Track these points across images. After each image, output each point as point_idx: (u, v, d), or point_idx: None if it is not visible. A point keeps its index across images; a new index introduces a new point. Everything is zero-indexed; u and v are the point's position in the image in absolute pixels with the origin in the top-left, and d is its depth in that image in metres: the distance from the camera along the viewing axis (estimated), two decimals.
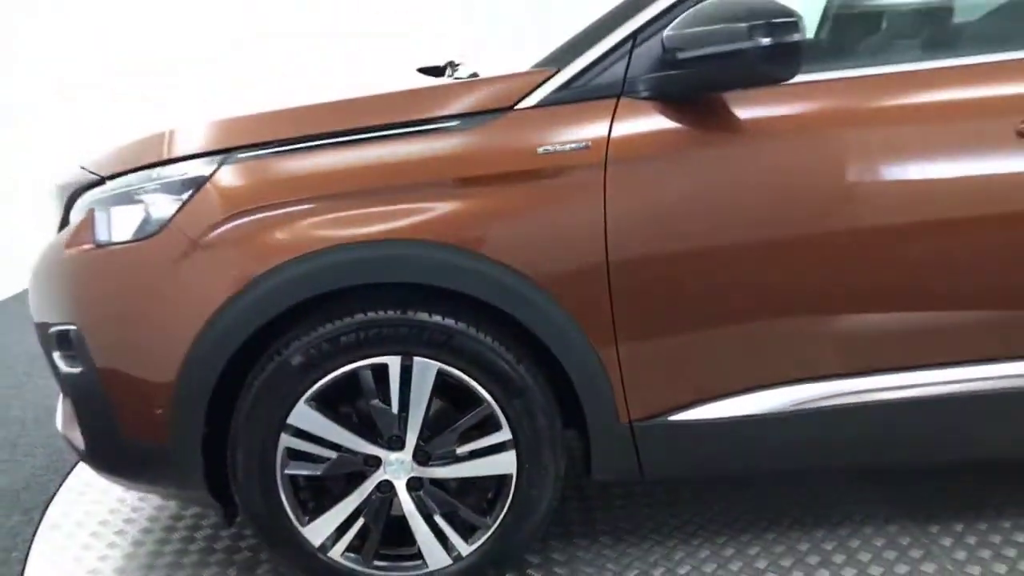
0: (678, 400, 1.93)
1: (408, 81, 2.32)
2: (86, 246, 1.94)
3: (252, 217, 1.81)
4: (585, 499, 2.44)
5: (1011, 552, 2.12)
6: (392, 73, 2.98)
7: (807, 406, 1.92)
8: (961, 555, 2.12)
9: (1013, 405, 1.95)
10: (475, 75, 2.12)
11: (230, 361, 1.85)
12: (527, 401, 1.89)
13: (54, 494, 2.64)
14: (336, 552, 1.97)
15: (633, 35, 1.84)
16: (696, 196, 1.85)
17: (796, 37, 1.65)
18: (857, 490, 2.41)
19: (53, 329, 2.02)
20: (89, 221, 1.95)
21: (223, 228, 1.81)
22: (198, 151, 1.88)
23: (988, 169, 1.85)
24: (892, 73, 1.88)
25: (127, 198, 1.91)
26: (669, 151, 1.83)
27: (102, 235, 1.93)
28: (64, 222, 2.13)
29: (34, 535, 2.43)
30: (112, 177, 1.96)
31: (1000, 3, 2.26)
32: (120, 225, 1.91)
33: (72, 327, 1.94)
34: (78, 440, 2.10)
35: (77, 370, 1.96)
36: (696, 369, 1.92)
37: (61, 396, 2.27)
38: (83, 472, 2.73)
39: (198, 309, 1.82)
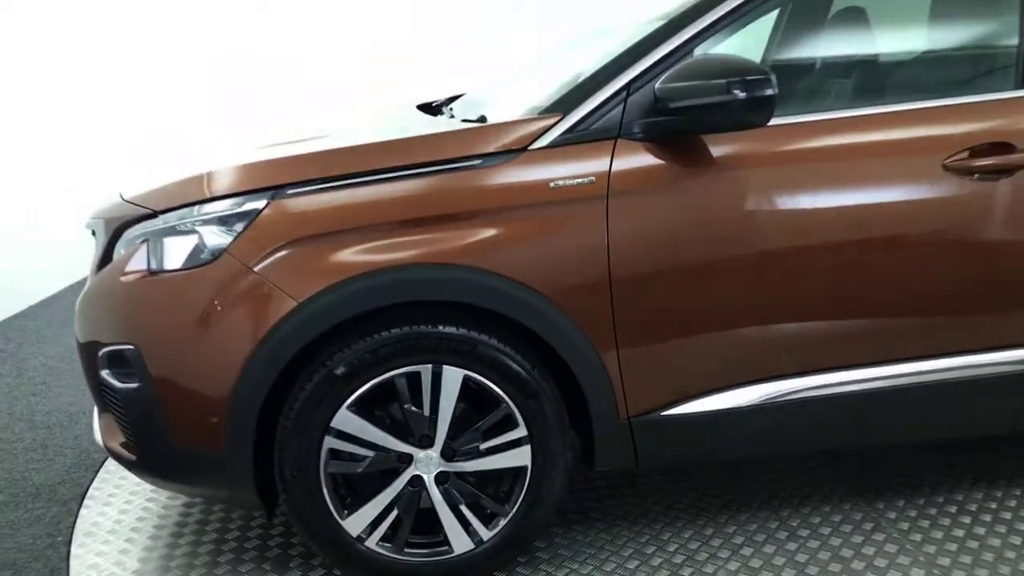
0: (668, 397, 2.24)
1: (432, 125, 2.59)
2: (140, 274, 2.16)
3: (302, 246, 2.06)
4: (577, 491, 2.72)
5: (946, 521, 2.50)
6: (392, 107, 3.26)
7: (771, 400, 2.25)
8: (904, 526, 2.48)
9: (932, 396, 2.32)
10: (483, 117, 2.41)
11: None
12: (540, 401, 2.18)
13: (87, 488, 2.94)
14: (372, 542, 2.22)
15: (627, 86, 2.16)
16: (681, 221, 2.16)
17: (769, 92, 1.98)
18: (813, 475, 2.76)
19: (106, 349, 2.22)
20: (143, 251, 2.17)
21: (276, 256, 2.06)
22: (249, 188, 2.12)
23: (921, 196, 2.21)
24: (843, 118, 2.23)
25: (182, 230, 2.14)
26: (659, 184, 2.15)
27: (157, 263, 2.15)
28: (108, 252, 2.34)
29: (74, 523, 2.70)
30: (166, 211, 2.18)
31: (918, 55, 2.64)
32: (174, 254, 2.14)
33: (129, 347, 2.15)
34: (124, 451, 2.31)
35: (133, 385, 2.17)
36: (682, 370, 2.23)
37: (97, 411, 2.47)
38: (109, 476, 2.99)
39: (254, 327, 2.06)
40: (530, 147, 2.14)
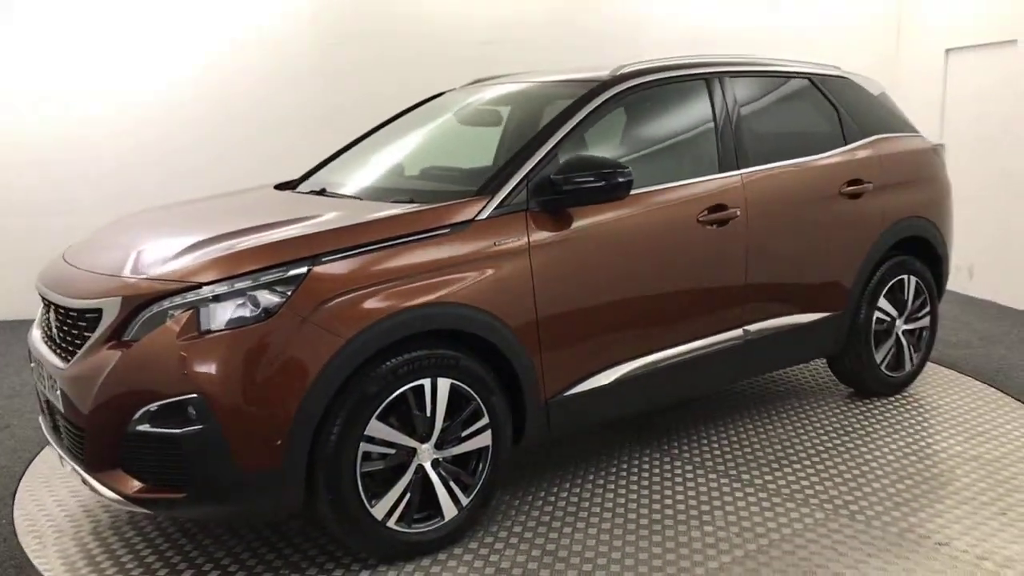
0: (566, 383, 3.28)
1: (356, 206, 3.32)
2: (194, 335, 2.63)
3: (341, 299, 2.74)
4: None
5: (715, 444, 3.87)
6: (257, 190, 3.88)
7: (629, 375, 3.43)
8: (693, 451, 3.81)
9: (722, 358, 3.72)
10: (412, 200, 3.24)
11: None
12: (495, 398, 3.07)
13: (16, 489, 3.66)
14: (391, 523, 2.90)
15: (527, 176, 3.19)
16: (567, 264, 3.23)
17: (629, 178, 3.17)
18: (617, 437, 3.99)
19: (158, 404, 2.62)
20: (192, 316, 2.65)
21: (323, 307, 2.70)
22: (290, 259, 2.73)
23: (688, 239, 3.58)
24: (638, 192, 3.46)
25: (231, 297, 2.66)
26: (553, 240, 3.19)
27: (210, 325, 2.64)
28: (123, 325, 2.72)
29: (12, 512, 3.46)
30: (212, 283, 2.68)
31: (674, 151, 3.99)
32: (228, 316, 2.65)
33: (192, 396, 2.60)
34: (157, 495, 2.69)
35: (194, 428, 2.61)
36: (572, 363, 3.29)
37: (86, 470, 2.77)
38: (31, 480, 3.75)
39: (313, 362, 2.67)
40: (476, 219, 3.07)
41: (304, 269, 2.74)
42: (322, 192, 3.71)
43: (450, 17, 7.17)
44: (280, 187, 4.07)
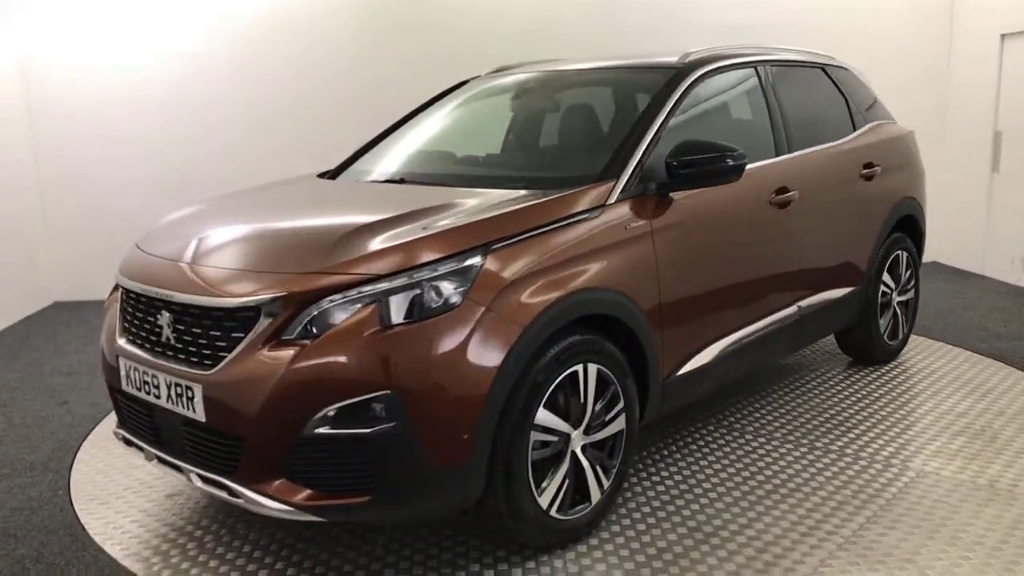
0: (677, 362, 3.36)
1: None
2: (378, 329, 2.50)
3: (514, 287, 2.67)
4: None
5: (759, 414, 4.06)
6: (299, 179, 3.74)
7: (724, 352, 3.55)
8: (753, 425, 3.98)
9: (784, 333, 3.91)
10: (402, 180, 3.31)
11: None
12: (628, 381, 3.10)
13: (71, 462, 3.88)
14: (553, 511, 2.87)
15: (640, 160, 3.23)
16: (680, 245, 3.29)
17: (743, 160, 3.25)
18: (693, 422, 4.11)
19: (341, 404, 2.48)
20: (375, 310, 2.51)
21: (502, 296, 2.64)
22: (466, 247, 2.64)
23: (764, 220, 3.74)
24: None
25: (414, 287, 2.55)
26: (668, 221, 3.25)
27: (392, 318, 2.52)
28: (287, 323, 2.55)
29: (69, 483, 3.66)
30: (392, 275, 2.55)
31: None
32: (409, 308, 2.54)
33: (384, 392, 2.47)
34: (335, 500, 2.55)
35: (386, 426, 2.48)
36: (689, 340, 3.38)
37: (243, 484, 2.59)
38: (85, 455, 3.95)
39: (495, 353, 2.60)
40: (607, 202, 3.07)
41: (479, 258, 2.66)
42: (402, 181, 3.58)
43: (489, 7, 7.34)
44: (322, 176, 3.91)
